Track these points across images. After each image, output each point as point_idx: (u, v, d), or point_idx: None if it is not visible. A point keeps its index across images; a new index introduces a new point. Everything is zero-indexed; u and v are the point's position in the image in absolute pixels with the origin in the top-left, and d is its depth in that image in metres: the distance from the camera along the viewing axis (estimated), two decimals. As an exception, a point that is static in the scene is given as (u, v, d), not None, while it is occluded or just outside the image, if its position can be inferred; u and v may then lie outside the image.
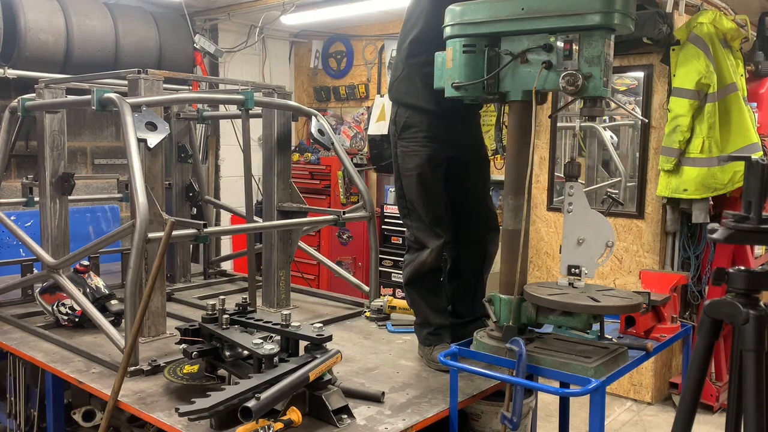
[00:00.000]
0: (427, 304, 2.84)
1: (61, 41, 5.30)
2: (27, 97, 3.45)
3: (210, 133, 6.73)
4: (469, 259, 2.95)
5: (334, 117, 7.38)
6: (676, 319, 2.58)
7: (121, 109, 2.73)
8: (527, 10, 2.19)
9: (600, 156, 5.46)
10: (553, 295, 2.19)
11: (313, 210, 3.81)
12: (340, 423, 2.20)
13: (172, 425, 2.20)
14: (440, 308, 2.85)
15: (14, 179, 5.50)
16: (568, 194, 2.28)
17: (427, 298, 2.85)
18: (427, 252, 2.78)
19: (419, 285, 2.85)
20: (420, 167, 2.77)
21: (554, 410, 3.31)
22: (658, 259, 4.91)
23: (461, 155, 2.83)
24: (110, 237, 2.94)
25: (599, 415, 2.05)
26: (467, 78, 2.32)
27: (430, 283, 2.85)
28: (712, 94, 4.50)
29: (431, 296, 2.85)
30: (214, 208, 4.90)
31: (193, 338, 2.48)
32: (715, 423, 4.51)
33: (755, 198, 1.68)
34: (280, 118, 3.59)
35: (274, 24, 6.72)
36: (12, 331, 3.20)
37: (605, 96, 2.17)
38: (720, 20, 4.54)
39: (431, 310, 2.84)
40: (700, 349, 1.78)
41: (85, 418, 2.91)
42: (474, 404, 2.54)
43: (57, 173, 3.51)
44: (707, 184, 4.54)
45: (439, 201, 2.81)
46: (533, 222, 5.43)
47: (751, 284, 1.69)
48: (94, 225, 5.45)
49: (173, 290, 3.87)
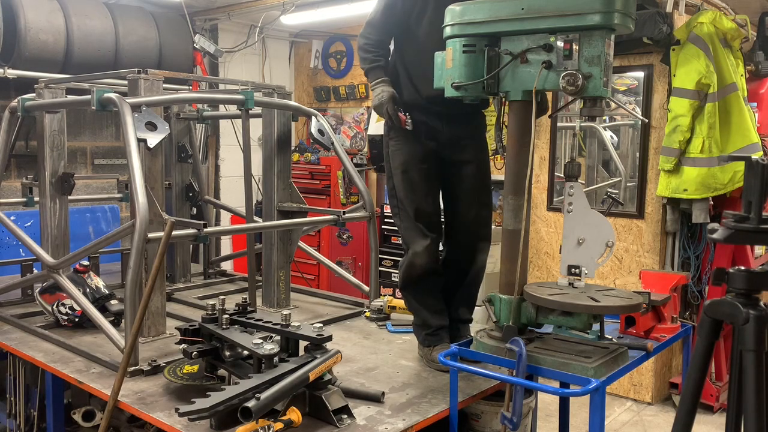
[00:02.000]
0: (424, 306, 2.84)
1: (61, 41, 5.29)
2: (27, 97, 3.45)
3: (210, 133, 6.73)
4: (452, 265, 2.92)
5: (334, 117, 7.38)
6: (676, 319, 2.58)
7: (121, 109, 2.73)
8: (527, 10, 2.19)
9: (600, 156, 5.46)
10: (553, 295, 2.19)
11: (313, 210, 3.81)
12: (340, 423, 2.20)
13: (172, 425, 2.20)
14: (438, 309, 2.84)
15: (14, 179, 5.50)
16: (568, 194, 2.28)
17: (425, 300, 2.84)
18: (415, 254, 2.77)
19: (414, 288, 2.85)
20: (405, 164, 2.77)
21: (554, 410, 3.31)
22: (658, 259, 4.91)
23: (447, 154, 2.79)
24: (110, 237, 2.94)
25: (599, 415, 2.05)
26: (467, 78, 2.32)
27: (425, 285, 2.83)
28: (712, 94, 4.50)
29: (428, 298, 2.84)
30: (214, 208, 4.90)
31: (193, 338, 2.48)
32: (715, 423, 4.51)
33: (755, 198, 1.68)
34: (280, 118, 3.59)
35: (274, 24, 6.72)
36: (12, 331, 3.20)
37: (605, 96, 2.17)
38: (720, 20, 4.54)
39: (429, 312, 2.83)
40: (700, 349, 1.78)
41: (85, 418, 2.91)
42: (474, 404, 2.54)
43: (57, 173, 3.51)
44: (707, 184, 4.54)
45: (425, 196, 2.77)
46: (533, 222, 5.43)
47: (751, 284, 1.69)
48: (94, 225, 5.44)
49: (173, 290, 3.87)
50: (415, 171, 2.76)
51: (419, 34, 2.70)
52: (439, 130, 2.76)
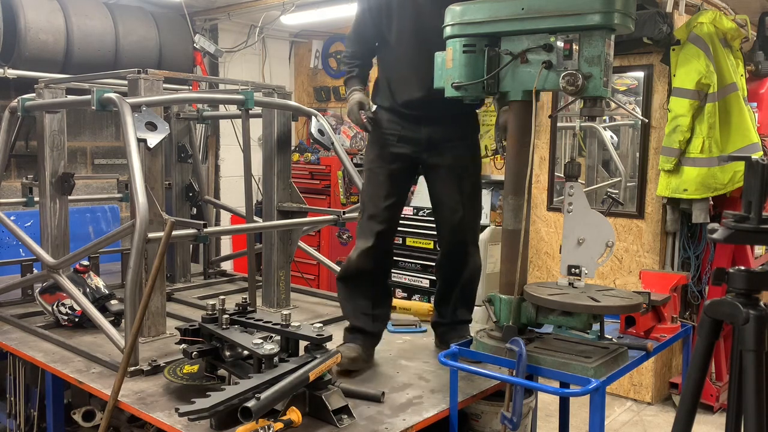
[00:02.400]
0: (350, 303, 2.87)
1: (61, 41, 5.29)
2: (27, 97, 3.44)
3: (210, 133, 6.73)
4: (444, 267, 2.95)
5: (334, 117, 7.38)
6: (676, 319, 2.58)
7: (121, 109, 2.73)
8: (527, 10, 2.19)
9: (600, 156, 5.46)
10: (553, 295, 2.19)
11: (313, 210, 3.82)
12: (340, 423, 2.19)
13: (172, 425, 2.20)
14: (365, 312, 2.83)
15: (14, 179, 5.50)
16: (568, 194, 2.28)
17: (353, 298, 2.86)
18: (356, 251, 2.80)
19: (345, 283, 2.88)
20: (371, 162, 2.81)
21: (554, 410, 3.31)
22: (658, 259, 4.91)
23: (425, 158, 2.79)
24: (110, 237, 2.94)
25: (599, 415, 2.05)
26: (467, 78, 2.32)
27: (356, 283, 2.84)
28: (712, 94, 4.50)
29: (358, 298, 2.84)
30: (214, 208, 4.90)
31: (193, 338, 2.48)
32: (715, 423, 4.51)
33: (755, 198, 1.68)
34: (280, 118, 3.59)
35: (274, 24, 6.72)
36: (12, 331, 3.20)
37: (605, 96, 2.17)
38: (720, 20, 4.54)
39: (351, 311, 2.85)
40: (700, 349, 1.78)
41: (85, 418, 2.91)
42: (474, 404, 2.54)
43: (57, 173, 3.50)
44: (707, 184, 4.54)
45: (384, 198, 2.76)
46: (533, 222, 5.43)
47: (751, 284, 1.69)
48: (94, 225, 5.44)
49: (173, 290, 3.87)
50: (380, 171, 2.77)
51: (391, 42, 2.75)
52: (416, 135, 2.75)
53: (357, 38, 2.86)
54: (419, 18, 2.66)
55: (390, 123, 2.78)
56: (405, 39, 2.69)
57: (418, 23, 2.66)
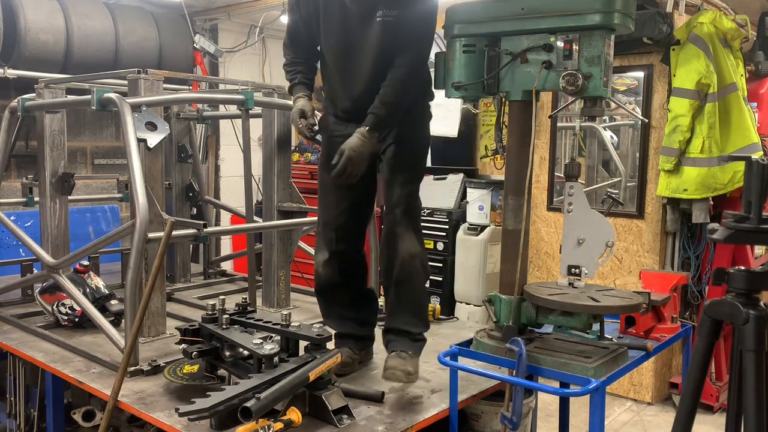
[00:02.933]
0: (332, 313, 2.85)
1: (61, 41, 5.29)
2: (27, 97, 3.45)
3: (210, 133, 6.73)
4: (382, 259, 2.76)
5: (334, 117, 7.38)
6: (676, 319, 2.58)
7: (121, 109, 2.73)
8: (527, 10, 2.20)
9: (600, 156, 5.45)
10: (553, 295, 2.20)
11: (313, 210, 3.80)
12: (340, 423, 2.20)
13: (172, 425, 2.20)
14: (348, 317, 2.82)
15: (14, 179, 5.50)
16: (568, 194, 2.28)
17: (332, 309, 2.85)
18: (317, 263, 2.79)
19: (323, 296, 2.86)
20: (319, 168, 2.79)
21: (554, 410, 3.31)
22: (658, 259, 4.91)
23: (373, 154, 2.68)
24: (110, 237, 2.94)
25: (599, 415, 2.05)
26: (467, 78, 2.32)
27: (332, 293, 2.83)
28: (712, 94, 4.49)
29: (336, 307, 2.84)
30: (214, 208, 4.90)
31: (193, 338, 2.48)
32: (715, 423, 4.51)
33: (755, 198, 1.68)
34: (280, 118, 3.59)
35: (274, 24, 6.72)
36: (12, 331, 3.20)
37: (605, 96, 2.17)
38: (720, 20, 4.53)
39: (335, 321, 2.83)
40: (700, 349, 1.78)
41: (85, 418, 2.92)
42: (474, 404, 2.54)
43: (57, 173, 3.51)
44: (707, 184, 4.54)
45: (335, 205, 2.70)
46: (533, 222, 5.43)
47: (751, 284, 1.69)
48: (94, 225, 5.44)
49: (173, 290, 3.87)
50: (328, 177, 2.62)
51: (325, 51, 2.70)
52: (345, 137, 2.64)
53: (292, 45, 2.76)
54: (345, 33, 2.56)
55: (336, 125, 2.72)
56: (332, 51, 2.63)
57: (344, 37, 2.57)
